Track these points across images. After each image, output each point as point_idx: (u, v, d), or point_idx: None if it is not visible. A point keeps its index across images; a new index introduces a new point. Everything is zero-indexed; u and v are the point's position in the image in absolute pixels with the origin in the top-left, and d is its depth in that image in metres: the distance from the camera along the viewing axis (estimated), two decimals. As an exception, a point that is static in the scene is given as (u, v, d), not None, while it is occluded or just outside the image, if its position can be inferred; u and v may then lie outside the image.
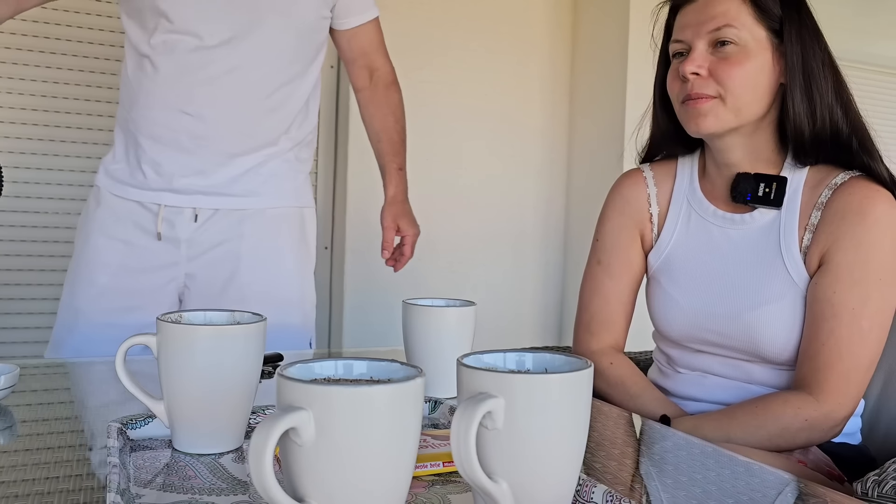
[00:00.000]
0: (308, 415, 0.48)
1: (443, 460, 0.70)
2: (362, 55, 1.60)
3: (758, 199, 1.08)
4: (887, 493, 0.80)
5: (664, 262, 1.18)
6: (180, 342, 0.71)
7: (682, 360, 1.18)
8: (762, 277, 1.08)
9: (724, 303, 1.10)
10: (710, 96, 1.06)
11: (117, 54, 2.29)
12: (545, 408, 0.53)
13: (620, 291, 1.22)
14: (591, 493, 0.62)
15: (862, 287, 1.02)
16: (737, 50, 1.05)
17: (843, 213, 1.04)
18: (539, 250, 2.88)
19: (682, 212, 1.18)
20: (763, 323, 1.06)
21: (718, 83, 1.05)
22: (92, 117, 2.30)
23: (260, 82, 1.41)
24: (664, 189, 1.21)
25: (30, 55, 2.25)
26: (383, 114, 1.64)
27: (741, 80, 1.04)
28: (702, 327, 1.12)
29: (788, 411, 1.02)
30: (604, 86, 2.71)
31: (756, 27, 1.05)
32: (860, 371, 1.03)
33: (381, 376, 0.55)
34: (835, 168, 1.09)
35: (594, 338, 1.22)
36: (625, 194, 1.23)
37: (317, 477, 0.49)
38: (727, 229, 1.13)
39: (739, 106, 1.05)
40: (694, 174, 1.19)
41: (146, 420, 0.77)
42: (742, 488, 0.69)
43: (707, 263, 1.14)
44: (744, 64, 1.04)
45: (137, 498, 0.62)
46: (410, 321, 0.98)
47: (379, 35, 1.62)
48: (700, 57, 1.06)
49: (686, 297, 1.14)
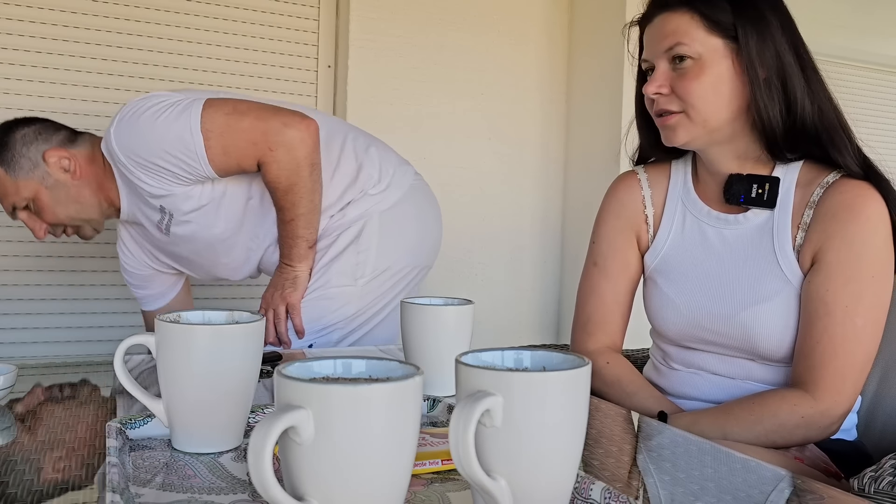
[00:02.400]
0: (307, 413, 0.48)
1: (441, 458, 0.70)
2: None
3: (751, 201, 1.10)
4: (884, 489, 0.80)
5: (660, 263, 1.19)
6: (179, 342, 0.72)
7: (678, 357, 1.18)
8: (757, 276, 1.09)
9: (719, 302, 1.11)
10: (675, 112, 1.08)
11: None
12: (543, 406, 0.54)
13: (617, 293, 1.23)
14: (589, 490, 0.63)
15: (855, 284, 1.03)
16: (693, 64, 1.06)
17: (835, 212, 1.05)
18: (537, 249, 2.88)
19: (677, 213, 1.19)
20: (758, 321, 1.07)
21: (680, 98, 1.07)
22: (89, 117, 2.30)
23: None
24: (659, 191, 1.22)
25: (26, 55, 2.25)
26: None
27: (700, 94, 1.06)
28: (698, 326, 1.13)
29: (785, 408, 1.03)
30: (600, 87, 2.71)
31: (709, 38, 1.06)
32: (855, 368, 1.03)
33: (380, 375, 0.55)
34: (827, 167, 1.10)
35: (591, 338, 1.23)
36: (620, 197, 1.24)
37: (316, 475, 0.49)
38: (721, 229, 1.14)
39: (705, 117, 1.07)
40: (688, 176, 1.20)
41: (145, 419, 0.77)
42: (739, 484, 0.69)
43: (702, 263, 1.15)
44: (700, 77, 1.06)
45: (137, 497, 0.62)
46: (409, 320, 0.98)
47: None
48: (661, 76, 1.08)
49: (682, 296, 1.15)
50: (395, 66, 2.62)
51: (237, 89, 2.46)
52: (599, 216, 1.27)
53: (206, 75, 2.42)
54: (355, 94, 2.56)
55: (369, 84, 2.58)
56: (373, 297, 1.56)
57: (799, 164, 1.11)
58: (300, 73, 2.57)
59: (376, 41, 2.58)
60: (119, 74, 2.32)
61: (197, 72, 2.41)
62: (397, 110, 2.63)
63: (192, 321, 0.77)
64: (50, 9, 2.24)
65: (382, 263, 1.57)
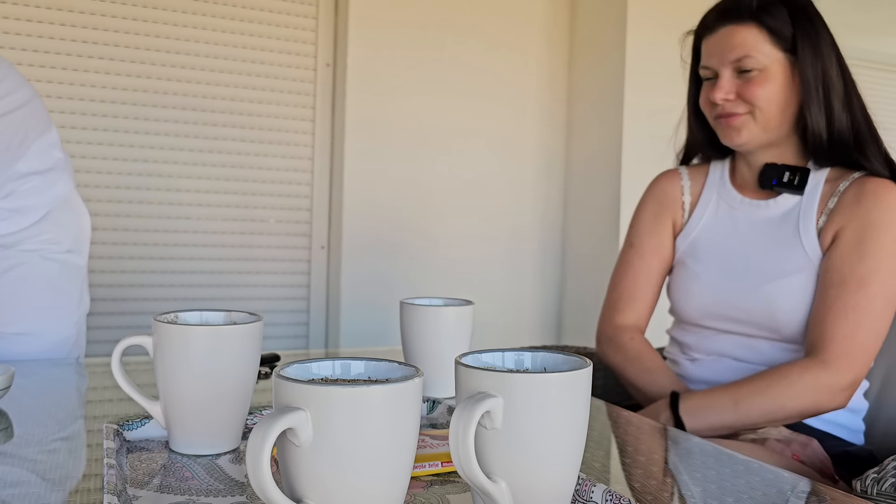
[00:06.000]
0: (305, 415, 0.47)
1: (441, 460, 0.70)
2: None
3: (782, 185, 1.17)
4: (886, 491, 0.80)
5: (690, 245, 1.26)
6: (176, 342, 0.71)
7: (698, 345, 1.23)
8: (781, 254, 1.16)
9: (744, 276, 1.18)
10: (741, 113, 1.16)
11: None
12: (544, 407, 0.53)
13: (649, 271, 1.29)
14: (590, 493, 0.62)
15: (871, 260, 1.08)
16: (759, 74, 1.14)
17: (858, 198, 1.12)
18: (537, 249, 2.88)
19: (712, 201, 1.27)
20: (781, 294, 1.13)
21: (747, 102, 1.15)
22: (87, 116, 2.29)
23: None
24: (697, 183, 1.30)
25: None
26: None
27: (767, 98, 1.14)
28: (720, 301, 1.18)
29: (795, 370, 1.07)
30: (601, 87, 2.70)
31: (773, 50, 1.14)
32: (868, 336, 1.08)
33: (379, 376, 0.55)
34: (855, 168, 1.17)
35: (619, 314, 1.29)
36: (661, 185, 1.33)
37: (314, 477, 0.48)
38: (751, 214, 1.22)
39: (767, 119, 1.15)
40: (725, 171, 1.28)
41: (142, 421, 0.77)
42: (742, 486, 0.69)
43: (730, 244, 1.22)
44: (765, 84, 1.14)
45: (134, 499, 0.61)
46: (408, 321, 0.98)
47: None
48: (727, 84, 1.15)
49: (708, 272, 1.22)
50: (394, 66, 2.62)
51: (235, 88, 2.46)
52: (640, 204, 1.35)
53: (204, 74, 2.42)
54: (354, 93, 2.56)
55: (368, 83, 2.58)
56: None
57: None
58: (299, 72, 2.57)
59: (376, 40, 2.58)
60: (116, 73, 2.32)
61: (195, 70, 2.41)
62: (397, 109, 2.63)
63: (190, 322, 0.76)
64: (47, 8, 2.24)
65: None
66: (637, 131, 2.59)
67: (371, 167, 2.61)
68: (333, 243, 2.63)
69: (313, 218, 2.64)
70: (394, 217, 2.64)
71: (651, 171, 1.41)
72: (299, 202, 2.62)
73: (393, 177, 2.64)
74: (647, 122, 2.61)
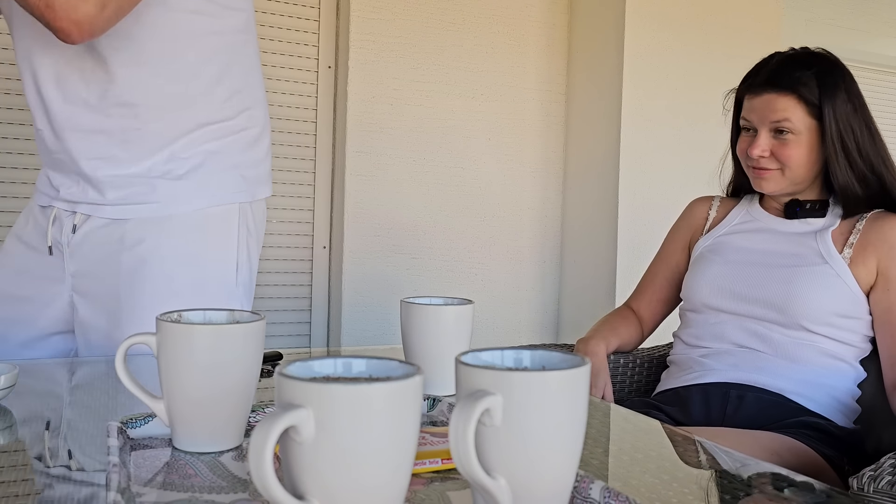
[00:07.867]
0: (307, 413, 0.48)
1: (441, 457, 0.70)
2: None
3: (805, 213, 1.36)
4: (883, 489, 0.80)
5: (714, 243, 1.43)
6: (180, 341, 0.72)
7: (703, 332, 1.35)
8: (797, 249, 1.32)
9: (762, 259, 1.34)
10: (773, 169, 1.33)
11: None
12: (543, 405, 0.54)
13: (666, 270, 1.53)
14: (588, 490, 0.63)
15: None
16: (793, 137, 1.30)
17: (882, 222, 1.29)
18: (536, 248, 2.89)
19: (740, 215, 1.45)
20: (798, 275, 1.27)
21: (779, 161, 1.32)
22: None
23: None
24: (726, 206, 1.50)
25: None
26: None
27: (797, 160, 1.31)
28: (737, 276, 1.34)
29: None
30: (600, 87, 2.71)
31: (806, 118, 1.30)
32: None
33: (380, 374, 0.56)
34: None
35: (631, 300, 1.57)
36: (692, 207, 1.55)
37: (317, 474, 0.49)
38: (775, 225, 1.39)
39: (795, 176, 1.33)
40: (755, 199, 1.46)
41: (146, 419, 0.77)
42: (740, 485, 0.69)
43: (751, 242, 1.39)
44: (798, 148, 1.31)
45: (138, 497, 0.62)
46: (409, 320, 0.99)
47: None
48: (764, 142, 1.32)
49: (726, 258, 1.38)
50: (395, 67, 2.62)
51: (238, 89, 2.47)
52: (673, 225, 1.57)
53: (206, 75, 2.42)
54: (355, 94, 2.56)
55: (369, 84, 2.58)
56: None
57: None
58: (300, 74, 2.57)
59: (376, 41, 2.58)
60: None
61: (197, 72, 2.41)
62: (397, 110, 2.63)
63: (194, 321, 0.77)
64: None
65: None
66: (635, 132, 2.60)
67: (372, 168, 2.62)
68: (335, 244, 2.64)
69: (315, 219, 2.65)
70: (394, 217, 2.65)
71: (650, 171, 1.41)
72: (301, 203, 2.63)
73: (393, 177, 2.64)
74: (646, 122, 2.61)
